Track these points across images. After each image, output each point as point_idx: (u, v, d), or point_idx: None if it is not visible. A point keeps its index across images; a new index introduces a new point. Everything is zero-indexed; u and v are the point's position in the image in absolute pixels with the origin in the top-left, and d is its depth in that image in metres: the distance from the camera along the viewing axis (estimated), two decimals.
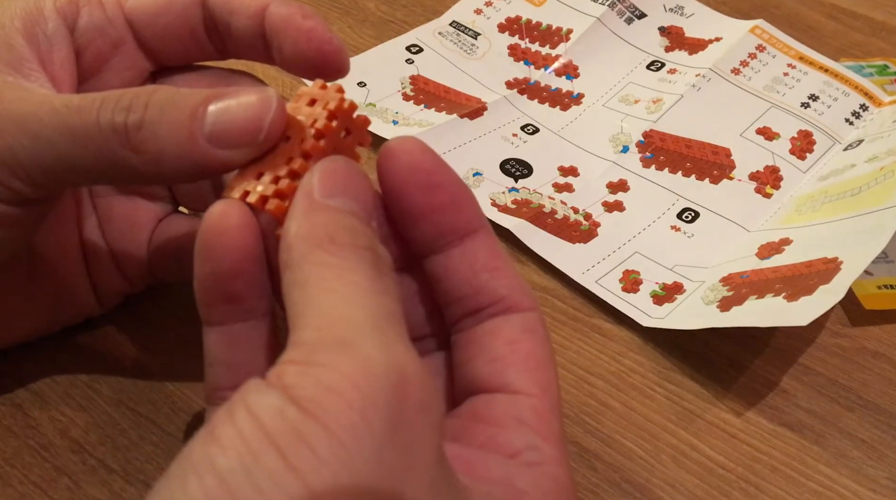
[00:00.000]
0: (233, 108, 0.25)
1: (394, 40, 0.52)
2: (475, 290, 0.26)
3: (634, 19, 0.51)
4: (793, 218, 0.40)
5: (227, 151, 0.25)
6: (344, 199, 0.23)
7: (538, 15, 0.52)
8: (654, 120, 0.46)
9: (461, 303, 0.26)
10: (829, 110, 0.46)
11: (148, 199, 0.34)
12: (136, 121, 0.25)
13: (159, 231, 0.34)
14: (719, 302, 0.36)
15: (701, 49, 0.49)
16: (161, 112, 0.25)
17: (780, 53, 0.48)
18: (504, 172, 0.44)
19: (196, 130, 0.25)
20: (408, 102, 0.48)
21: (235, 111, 0.25)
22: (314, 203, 0.23)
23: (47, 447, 0.33)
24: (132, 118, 0.25)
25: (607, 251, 0.40)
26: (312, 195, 0.23)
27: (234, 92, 0.25)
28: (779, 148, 0.44)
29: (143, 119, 0.25)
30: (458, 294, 0.26)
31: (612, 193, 0.43)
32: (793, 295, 0.34)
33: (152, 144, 0.25)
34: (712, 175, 0.43)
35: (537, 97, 0.48)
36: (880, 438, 0.34)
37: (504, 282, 0.26)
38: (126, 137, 0.25)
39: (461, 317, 0.26)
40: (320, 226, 0.23)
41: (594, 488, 0.32)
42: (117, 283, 0.34)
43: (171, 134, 0.25)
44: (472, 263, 0.26)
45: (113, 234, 0.34)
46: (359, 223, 0.23)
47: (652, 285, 0.39)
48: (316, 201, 0.23)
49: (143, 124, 0.25)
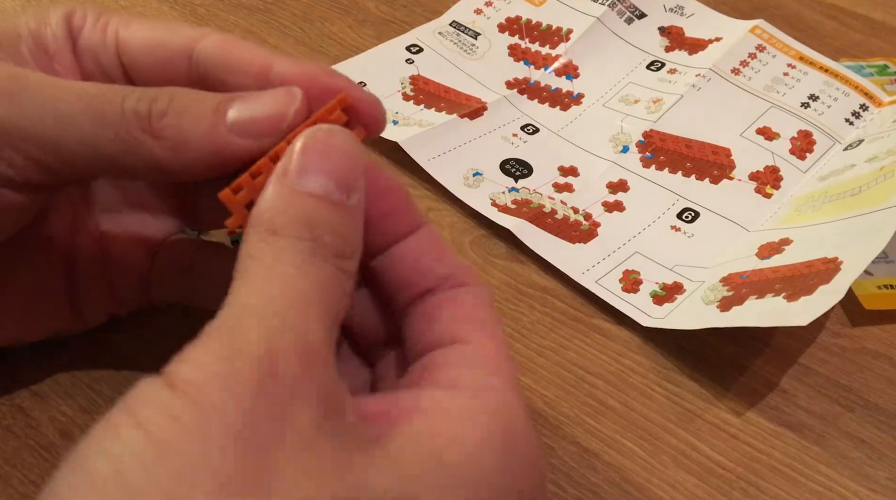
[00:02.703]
0: (257, 101, 0.26)
1: (394, 40, 0.52)
2: (420, 274, 0.26)
3: (634, 19, 0.51)
4: (793, 218, 0.40)
5: (248, 140, 0.25)
6: (317, 177, 0.24)
7: (538, 15, 0.52)
8: (654, 120, 0.46)
9: (408, 289, 0.26)
10: (830, 110, 0.46)
11: (155, 215, 0.34)
12: (160, 109, 0.25)
13: (166, 249, 0.34)
14: (719, 302, 0.36)
15: (701, 49, 0.49)
16: (185, 104, 0.26)
17: (780, 53, 0.48)
18: (504, 172, 0.44)
19: (219, 120, 0.25)
20: (408, 102, 0.48)
21: (260, 102, 0.26)
22: (276, 189, 0.24)
23: (48, 447, 0.33)
24: (157, 107, 0.25)
25: (607, 251, 0.40)
26: (280, 178, 0.24)
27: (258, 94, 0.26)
28: (779, 148, 0.44)
29: (167, 109, 0.25)
30: (404, 282, 0.26)
31: (612, 193, 0.43)
32: (793, 295, 0.34)
33: (173, 131, 0.25)
34: (712, 175, 0.43)
35: (537, 97, 0.48)
36: (880, 438, 0.34)
37: (449, 263, 0.26)
38: (149, 122, 0.25)
39: (409, 302, 0.27)
40: (267, 214, 0.23)
41: (594, 488, 0.32)
42: (105, 302, 0.34)
43: (193, 122, 0.25)
44: (416, 253, 0.26)
45: (115, 249, 0.33)
46: (318, 207, 0.24)
47: (652, 285, 0.39)
48: (277, 187, 0.24)
49: (166, 113, 0.25)
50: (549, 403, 0.35)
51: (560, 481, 0.32)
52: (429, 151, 0.44)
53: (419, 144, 0.44)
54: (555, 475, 0.32)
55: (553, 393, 0.35)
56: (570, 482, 0.32)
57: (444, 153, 0.44)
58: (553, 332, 0.37)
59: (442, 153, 0.44)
